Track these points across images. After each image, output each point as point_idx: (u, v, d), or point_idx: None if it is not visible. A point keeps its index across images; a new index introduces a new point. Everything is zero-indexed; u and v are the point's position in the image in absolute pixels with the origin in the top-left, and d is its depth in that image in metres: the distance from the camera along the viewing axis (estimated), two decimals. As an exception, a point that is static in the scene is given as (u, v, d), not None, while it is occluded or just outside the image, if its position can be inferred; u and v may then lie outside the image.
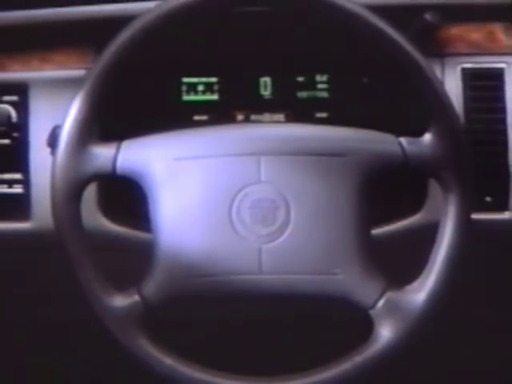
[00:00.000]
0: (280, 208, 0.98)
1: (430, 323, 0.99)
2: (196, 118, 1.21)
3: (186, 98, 1.21)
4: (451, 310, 1.01)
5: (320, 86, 1.20)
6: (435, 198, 1.11)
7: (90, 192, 1.10)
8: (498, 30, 1.20)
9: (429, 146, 0.99)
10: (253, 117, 1.21)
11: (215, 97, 1.21)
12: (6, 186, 1.18)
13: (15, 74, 1.19)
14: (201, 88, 1.21)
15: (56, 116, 1.03)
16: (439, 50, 1.19)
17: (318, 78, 1.20)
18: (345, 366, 0.99)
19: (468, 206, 1.00)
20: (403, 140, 0.99)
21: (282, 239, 0.98)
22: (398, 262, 1.03)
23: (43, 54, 1.19)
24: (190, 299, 1.00)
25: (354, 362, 0.99)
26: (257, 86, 1.21)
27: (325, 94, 1.20)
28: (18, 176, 1.18)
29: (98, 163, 0.98)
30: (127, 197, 1.06)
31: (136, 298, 0.98)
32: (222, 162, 0.99)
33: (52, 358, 1.54)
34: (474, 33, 1.20)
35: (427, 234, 1.02)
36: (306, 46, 1.18)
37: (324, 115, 1.20)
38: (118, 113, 1.12)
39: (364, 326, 0.99)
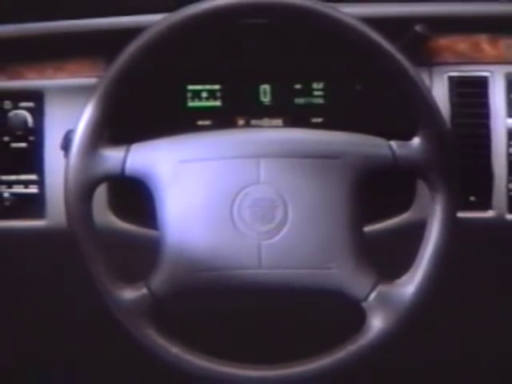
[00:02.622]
0: (278, 207, 1.00)
1: (418, 315, 1.01)
2: (200, 122, 1.23)
3: (190, 104, 1.23)
4: (437, 304, 1.03)
5: (316, 93, 1.22)
6: (423, 197, 1.13)
7: (101, 192, 1.13)
8: (483, 40, 1.23)
9: (417, 149, 1.01)
10: (253, 122, 1.23)
11: (218, 103, 1.23)
12: (22, 186, 1.20)
13: (31, 81, 1.21)
14: (204, 95, 1.23)
15: (69, 121, 1.05)
16: (428, 60, 1.21)
17: (315, 85, 1.22)
18: (339, 355, 1.02)
19: (454, 205, 1.02)
20: (393, 143, 1.02)
21: (280, 236, 1.00)
22: (388, 257, 1.05)
23: (57, 64, 1.22)
24: (194, 292, 1.02)
25: (347, 350, 1.02)
26: (257, 93, 1.23)
27: (320, 101, 1.22)
28: (33, 177, 1.20)
29: (109, 165, 1.01)
30: (135, 197, 1.08)
31: (144, 291, 1.01)
32: (223, 164, 1.01)
33: (59, 353, 1.55)
34: (460, 43, 1.22)
35: (415, 232, 1.04)
36: (303, 55, 1.20)
37: (319, 120, 1.22)
38: (127, 118, 1.13)
39: (357, 318, 1.02)
